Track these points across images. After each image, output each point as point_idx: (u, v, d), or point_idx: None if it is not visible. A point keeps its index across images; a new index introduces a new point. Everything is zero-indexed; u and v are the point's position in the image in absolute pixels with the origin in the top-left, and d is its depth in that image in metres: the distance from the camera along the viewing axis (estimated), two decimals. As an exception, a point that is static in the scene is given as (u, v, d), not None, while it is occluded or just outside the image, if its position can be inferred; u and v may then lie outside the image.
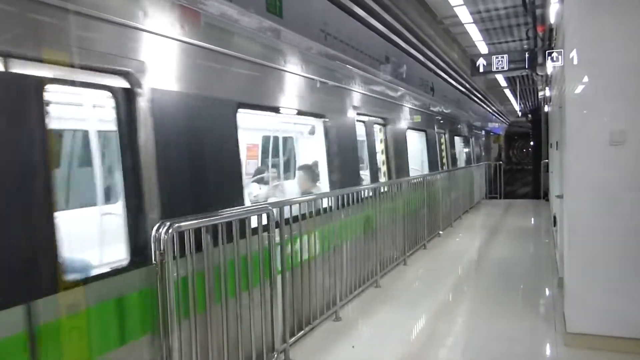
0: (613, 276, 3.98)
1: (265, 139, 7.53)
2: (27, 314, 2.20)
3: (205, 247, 3.10)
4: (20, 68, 2.31)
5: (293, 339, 4.18)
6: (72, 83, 2.65)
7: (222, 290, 3.22)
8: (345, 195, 5.25)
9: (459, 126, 14.39)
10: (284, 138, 7.34)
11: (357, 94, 6.44)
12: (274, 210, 3.79)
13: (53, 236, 2.36)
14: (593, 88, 4.04)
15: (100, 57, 2.70)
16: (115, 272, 2.70)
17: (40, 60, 2.37)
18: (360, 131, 6.87)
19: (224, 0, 3.58)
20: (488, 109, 22.25)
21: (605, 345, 3.97)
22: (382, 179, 7.65)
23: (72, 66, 2.53)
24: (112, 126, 2.96)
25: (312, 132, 6.33)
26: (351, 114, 6.21)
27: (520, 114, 24.19)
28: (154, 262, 2.69)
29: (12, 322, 2.15)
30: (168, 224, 2.73)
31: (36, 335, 2.23)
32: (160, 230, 2.69)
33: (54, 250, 2.35)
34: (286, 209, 4.05)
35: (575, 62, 4.07)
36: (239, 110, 3.85)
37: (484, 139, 21.02)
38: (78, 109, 3.94)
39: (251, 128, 6.80)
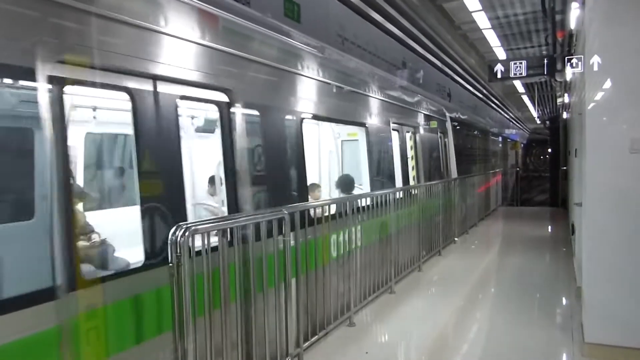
0: (633, 286, 3.89)
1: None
2: None
3: (221, 250, 3.11)
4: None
5: (307, 343, 4.17)
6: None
7: (237, 292, 3.23)
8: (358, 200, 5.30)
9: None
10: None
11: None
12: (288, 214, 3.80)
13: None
14: (613, 95, 3.98)
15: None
16: None
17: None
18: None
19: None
20: (505, 115, 22.05)
21: (623, 356, 3.88)
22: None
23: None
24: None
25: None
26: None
27: (538, 120, 23.87)
28: (170, 264, 2.70)
29: None
30: (185, 227, 2.74)
31: None
32: (177, 233, 2.70)
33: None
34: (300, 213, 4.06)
35: (595, 68, 4.01)
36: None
37: (500, 145, 20.83)
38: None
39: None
